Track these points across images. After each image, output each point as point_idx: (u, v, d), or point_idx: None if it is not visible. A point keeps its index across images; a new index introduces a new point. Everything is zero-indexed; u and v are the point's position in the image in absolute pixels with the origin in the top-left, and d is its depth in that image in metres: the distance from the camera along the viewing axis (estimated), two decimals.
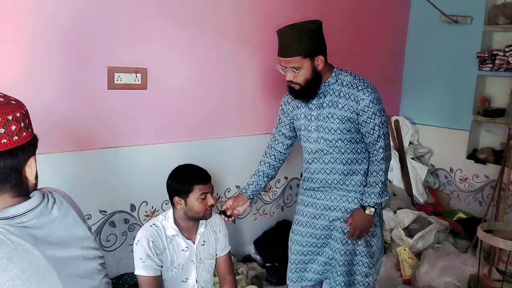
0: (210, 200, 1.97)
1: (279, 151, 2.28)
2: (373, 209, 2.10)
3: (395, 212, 3.58)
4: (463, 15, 3.79)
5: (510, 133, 3.23)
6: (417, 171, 3.98)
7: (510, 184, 3.30)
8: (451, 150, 3.99)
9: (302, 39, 1.93)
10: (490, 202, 3.45)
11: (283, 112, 2.27)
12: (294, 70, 1.98)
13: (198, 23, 2.64)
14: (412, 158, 4.04)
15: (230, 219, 2.16)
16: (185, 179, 1.95)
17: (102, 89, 2.33)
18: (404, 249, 3.15)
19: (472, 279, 2.78)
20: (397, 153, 4.00)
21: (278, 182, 3.24)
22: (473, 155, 3.88)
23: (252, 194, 2.24)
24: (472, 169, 3.88)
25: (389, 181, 3.91)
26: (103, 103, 2.35)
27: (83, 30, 2.22)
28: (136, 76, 2.42)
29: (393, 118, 4.16)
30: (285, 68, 2.01)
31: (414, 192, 3.92)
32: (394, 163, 3.93)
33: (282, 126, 2.27)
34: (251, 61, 2.95)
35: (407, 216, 3.49)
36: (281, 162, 2.31)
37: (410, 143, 4.15)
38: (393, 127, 4.10)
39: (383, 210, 3.57)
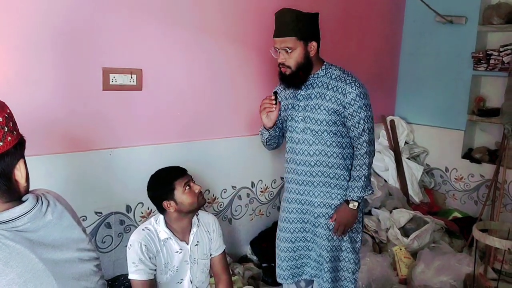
0: (196, 187, 1.98)
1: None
2: (356, 203, 2.14)
3: (391, 212, 3.59)
4: (458, 15, 3.80)
5: (505, 133, 3.24)
6: (413, 171, 4.00)
7: (505, 183, 3.32)
8: (447, 150, 4.01)
9: (299, 20, 2.02)
10: (486, 201, 3.47)
11: None
12: (287, 50, 2.03)
13: (193, 24, 2.64)
14: (408, 158, 4.06)
15: (276, 104, 2.10)
16: (163, 182, 1.96)
17: (97, 90, 2.32)
18: (400, 249, 3.16)
19: (468, 278, 2.79)
20: (392, 153, 4.01)
21: (274, 183, 3.24)
22: (468, 155, 3.90)
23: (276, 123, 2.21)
24: (467, 169, 3.90)
25: (385, 180, 3.92)
26: (98, 104, 2.34)
27: (78, 31, 2.22)
28: (132, 77, 2.41)
29: (389, 118, 4.17)
30: (279, 49, 2.06)
31: (410, 191, 3.94)
32: (390, 162, 3.94)
33: None
34: (246, 62, 2.95)
35: (403, 215, 3.50)
36: (280, 140, 2.35)
37: (406, 142, 4.16)
38: (389, 127, 4.11)
39: (379, 210, 3.61)
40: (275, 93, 2.14)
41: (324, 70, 2.14)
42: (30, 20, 2.06)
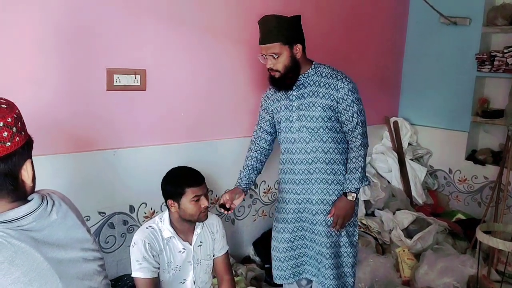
0: (204, 203, 1.95)
1: (263, 147, 2.38)
2: (354, 195, 2.19)
3: (394, 213, 3.59)
4: (462, 17, 3.79)
5: (508, 134, 3.24)
6: (416, 172, 3.99)
7: (508, 185, 3.31)
8: (450, 151, 4.00)
9: (281, 26, 2.07)
10: (489, 203, 3.45)
11: (263, 108, 2.37)
12: (274, 56, 2.09)
13: (197, 25, 2.65)
14: (411, 159, 4.05)
15: (229, 212, 2.16)
16: (178, 182, 1.95)
17: (101, 90, 2.32)
18: (403, 250, 3.15)
19: (471, 280, 2.78)
20: (396, 154, 4.00)
21: (277, 184, 3.24)
22: (472, 156, 3.89)
23: (246, 187, 2.30)
24: (471, 170, 3.89)
25: (388, 182, 3.92)
26: (102, 104, 2.34)
27: (82, 32, 2.22)
28: (135, 78, 2.42)
29: (392, 119, 4.16)
30: (266, 55, 2.12)
31: (413, 193, 3.93)
32: (393, 164, 3.93)
33: (263, 123, 2.37)
34: (249, 63, 2.94)
35: (406, 217, 3.50)
36: (266, 157, 2.40)
37: (409, 144, 4.15)
38: (392, 128, 4.11)
39: (382, 211, 3.60)
40: (221, 206, 2.15)
41: (314, 69, 2.19)
42: (34, 20, 2.07)
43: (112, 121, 2.40)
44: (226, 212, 2.16)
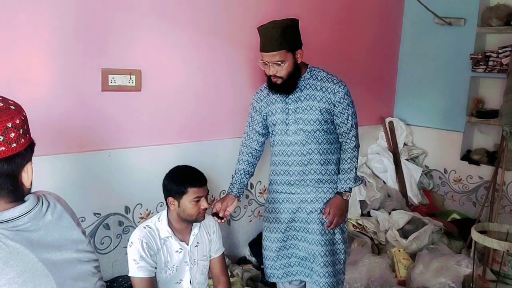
0: (204, 204, 1.96)
1: (255, 149, 2.38)
2: (350, 194, 2.26)
3: (389, 213, 3.59)
4: (456, 17, 3.81)
5: (503, 134, 3.25)
6: (412, 172, 4.00)
7: (503, 185, 3.32)
8: (445, 151, 4.01)
9: (286, 34, 2.07)
10: (484, 203, 3.47)
11: (255, 110, 2.37)
12: (280, 63, 2.09)
13: (192, 25, 2.64)
14: (407, 159, 4.06)
15: (222, 220, 2.19)
16: (180, 180, 1.95)
17: (96, 91, 2.32)
18: (399, 250, 3.16)
19: (466, 279, 2.79)
20: (391, 155, 4.01)
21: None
22: (467, 156, 3.90)
23: (238, 193, 2.32)
24: (466, 170, 3.90)
25: (384, 182, 3.93)
26: (97, 105, 2.34)
27: (77, 32, 2.21)
28: (131, 78, 2.41)
29: (388, 120, 4.17)
30: (269, 63, 2.11)
31: (409, 193, 3.94)
32: (389, 164, 3.94)
33: (255, 124, 2.36)
34: (245, 63, 2.94)
35: (401, 217, 3.50)
36: (257, 159, 2.41)
37: (405, 144, 4.16)
38: (388, 129, 4.11)
39: (378, 211, 3.61)
40: (214, 215, 2.18)
41: (310, 73, 2.22)
42: (29, 20, 2.06)
43: (107, 121, 2.39)
44: (219, 221, 2.17)
